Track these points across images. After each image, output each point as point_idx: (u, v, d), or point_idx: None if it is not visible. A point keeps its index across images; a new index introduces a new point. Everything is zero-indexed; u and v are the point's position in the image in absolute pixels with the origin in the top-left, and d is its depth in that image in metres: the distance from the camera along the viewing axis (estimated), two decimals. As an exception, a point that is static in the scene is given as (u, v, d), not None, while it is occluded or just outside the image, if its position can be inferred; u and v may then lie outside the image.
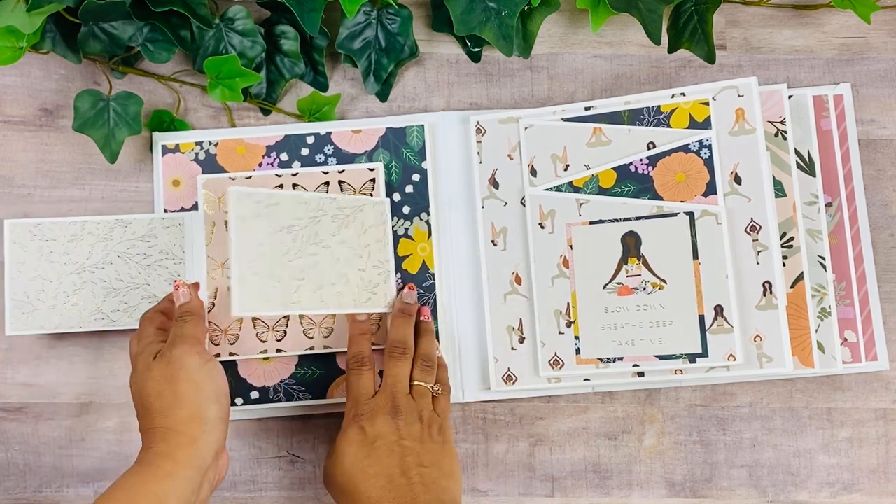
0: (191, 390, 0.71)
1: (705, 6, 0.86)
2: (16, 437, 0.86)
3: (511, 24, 0.83)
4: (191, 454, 0.70)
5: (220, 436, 0.73)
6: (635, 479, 0.86)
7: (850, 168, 0.88)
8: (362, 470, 0.73)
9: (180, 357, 0.73)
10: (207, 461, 0.71)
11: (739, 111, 0.83)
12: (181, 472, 0.69)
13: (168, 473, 0.69)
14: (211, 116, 0.91)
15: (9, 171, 0.90)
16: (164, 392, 0.71)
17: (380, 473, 0.73)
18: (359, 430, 0.75)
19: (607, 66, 0.92)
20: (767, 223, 0.81)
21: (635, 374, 0.83)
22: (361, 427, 0.75)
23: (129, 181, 0.90)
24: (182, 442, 0.70)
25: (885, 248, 0.88)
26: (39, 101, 0.91)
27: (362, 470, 0.73)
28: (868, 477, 0.86)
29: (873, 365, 0.85)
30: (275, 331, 0.85)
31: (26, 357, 0.87)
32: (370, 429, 0.75)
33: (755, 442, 0.86)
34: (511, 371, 0.85)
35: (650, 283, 0.83)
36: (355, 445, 0.75)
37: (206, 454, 0.71)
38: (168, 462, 0.69)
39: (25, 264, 0.85)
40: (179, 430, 0.70)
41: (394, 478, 0.73)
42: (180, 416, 0.71)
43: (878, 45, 0.92)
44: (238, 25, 0.86)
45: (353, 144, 0.89)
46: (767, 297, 0.81)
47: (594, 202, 0.85)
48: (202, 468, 0.70)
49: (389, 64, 0.89)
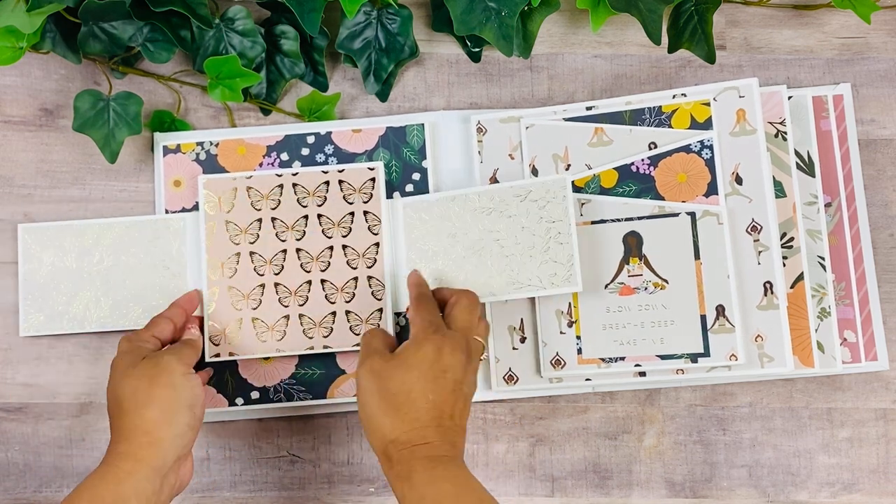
0: (166, 393, 0.72)
1: (705, 6, 0.86)
2: (16, 437, 0.86)
3: (511, 24, 0.83)
4: (152, 454, 0.71)
5: (186, 442, 0.73)
6: (635, 479, 0.86)
7: (850, 168, 0.88)
8: (423, 391, 0.71)
9: (168, 363, 0.74)
10: (168, 464, 0.71)
11: (740, 112, 0.83)
12: (141, 470, 0.70)
13: (128, 473, 0.70)
14: (211, 116, 0.91)
15: (9, 171, 0.89)
16: (139, 391, 0.72)
17: (437, 404, 0.71)
18: (436, 350, 0.72)
19: (607, 66, 0.92)
20: (768, 223, 0.82)
21: (637, 373, 0.83)
22: (440, 349, 0.72)
23: (130, 181, 0.89)
24: (145, 442, 0.71)
25: (885, 248, 0.88)
26: (39, 101, 0.91)
27: (423, 391, 0.71)
28: (868, 477, 0.86)
29: (873, 365, 0.85)
30: (275, 331, 0.85)
31: (26, 357, 0.87)
32: (449, 356, 0.72)
33: (755, 442, 0.86)
34: (512, 371, 0.85)
35: (652, 283, 0.83)
36: (427, 364, 0.72)
37: (168, 456, 0.71)
38: (129, 461, 0.70)
39: (38, 268, 0.87)
40: (144, 429, 0.71)
41: (444, 415, 0.71)
42: (148, 416, 0.72)
43: (878, 45, 0.92)
44: (238, 25, 0.86)
45: (354, 144, 0.88)
46: (768, 297, 0.81)
47: (596, 202, 0.85)
48: (162, 469, 0.71)
49: (389, 64, 0.89)
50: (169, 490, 0.72)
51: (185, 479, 0.76)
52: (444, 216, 0.85)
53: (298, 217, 0.86)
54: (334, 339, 0.85)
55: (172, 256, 0.87)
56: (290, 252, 0.86)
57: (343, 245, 0.86)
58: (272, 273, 0.85)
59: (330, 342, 0.85)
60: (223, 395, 0.85)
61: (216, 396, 0.85)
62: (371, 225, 0.86)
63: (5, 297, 0.88)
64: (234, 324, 0.85)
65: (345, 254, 0.86)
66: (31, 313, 0.86)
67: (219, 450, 0.86)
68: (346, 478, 0.86)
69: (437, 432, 0.70)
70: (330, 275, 0.85)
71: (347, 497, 0.86)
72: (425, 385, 0.71)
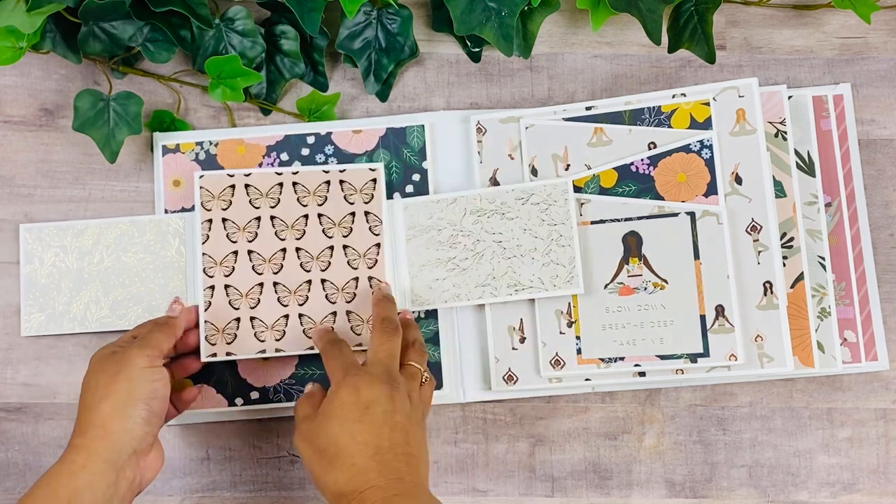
0: (123, 387, 0.72)
1: (705, 6, 0.86)
2: (16, 437, 0.86)
3: (511, 24, 0.83)
4: (105, 447, 0.71)
5: (140, 436, 0.72)
6: (635, 479, 0.86)
7: (850, 168, 0.88)
8: (351, 434, 0.70)
9: (130, 357, 0.74)
10: (122, 457, 0.71)
11: (740, 112, 0.83)
12: (93, 464, 0.70)
13: (81, 466, 0.70)
14: (211, 116, 0.91)
15: (9, 171, 0.89)
16: (99, 386, 0.73)
17: (368, 442, 0.69)
18: (353, 391, 0.71)
19: (607, 66, 0.92)
20: (768, 223, 0.81)
21: (636, 373, 0.83)
22: (356, 388, 0.71)
23: (130, 181, 0.90)
24: (98, 435, 0.71)
25: (885, 248, 0.88)
26: (39, 101, 0.91)
27: (351, 434, 0.70)
28: (868, 477, 0.86)
29: (873, 365, 0.85)
30: (274, 330, 0.85)
31: (26, 357, 0.87)
32: (366, 392, 0.71)
33: (755, 442, 0.86)
34: (512, 371, 0.85)
35: (651, 283, 0.83)
36: (347, 408, 0.71)
37: (122, 449, 0.71)
38: (82, 455, 0.70)
39: (39, 268, 0.87)
40: (98, 423, 0.71)
41: (382, 450, 0.69)
42: (103, 409, 0.72)
43: (878, 45, 0.92)
44: (238, 25, 0.86)
45: (354, 144, 0.88)
46: (768, 296, 0.81)
47: (595, 202, 0.85)
48: (116, 463, 0.71)
49: (389, 64, 0.89)
50: (127, 484, 0.72)
51: (149, 476, 0.75)
52: (445, 218, 0.85)
53: (298, 216, 0.86)
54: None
55: (172, 256, 0.87)
56: (289, 251, 0.86)
57: (344, 245, 0.86)
58: (271, 272, 0.85)
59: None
60: (223, 395, 0.85)
61: (216, 396, 0.85)
62: (372, 225, 0.86)
63: (6, 298, 0.88)
64: (231, 323, 0.85)
65: (345, 254, 0.86)
66: (32, 313, 0.87)
67: (219, 450, 0.86)
68: (345, 478, 0.86)
69: (379, 471, 0.68)
70: (330, 275, 0.85)
71: (347, 497, 0.86)
72: (351, 428, 0.70)
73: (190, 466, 0.86)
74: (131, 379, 0.73)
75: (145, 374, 0.73)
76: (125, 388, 0.72)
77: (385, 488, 0.67)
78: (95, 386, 0.73)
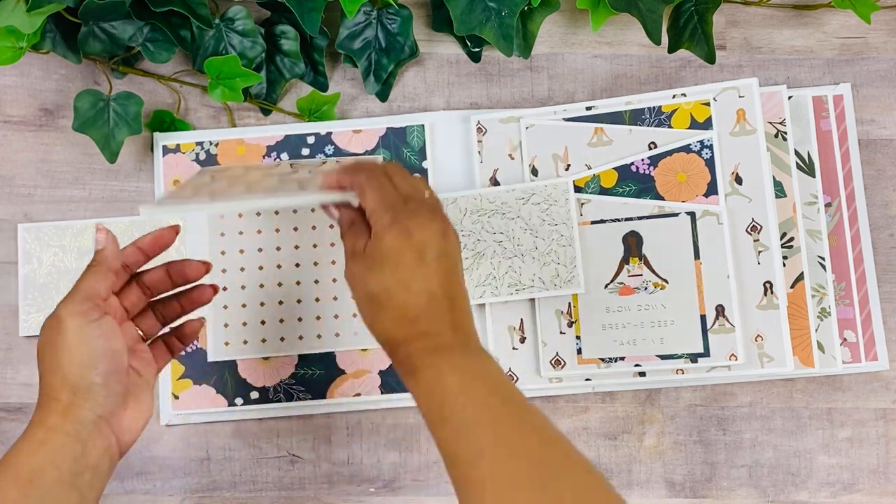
0: (64, 356, 0.65)
1: (705, 6, 0.86)
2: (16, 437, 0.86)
3: (511, 24, 0.83)
4: (64, 420, 0.65)
5: (101, 401, 0.66)
6: (635, 479, 0.86)
7: (850, 168, 0.88)
8: (404, 283, 0.65)
9: (62, 319, 0.66)
10: (86, 427, 0.65)
11: (740, 112, 0.83)
12: (53, 438, 0.64)
13: (41, 442, 0.64)
14: (211, 116, 0.91)
15: (9, 171, 0.89)
16: (45, 356, 0.67)
17: (421, 290, 0.65)
18: (405, 235, 0.65)
19: (607, 66, 0.92)
20: (768, 223, 0.82)
21: (637, 373, 0.83)
22: (408, 232, 0.65)
23: (130, 181, 0.90)
24: (54, 408, 0.65)
25: (885, 248, 0.88)
26: (39, 101, 0.91)
27: (404, 283, 0.65)
28: (868, 477, 0.86)
29: (873, 365, 0.85)
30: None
31: (26, 357, 0.87)
32: (418, 233, 0.65)
33: (755, 442, 0.86)
34: (512, 371, 0.85)
35: (652, 283, 0.83)
36: (398, 253, 0.65)
37: (83, 420, 0.65)
38: (41, 430, 0.65)
39: (38, 268, 0.87)
40: (53, 395, 0.66)
41: (435, 297, 0.65)
42: (53, 382, 0.66)
43: (878, 45, 0.92)
44: (238, 25, 0.86)
45: (354, 144, 0.88)
46: (768, 296, 0.81)
47: (595, 202, 0.85)
48: (78, 435, 0.65)
49: (389, 64, 0.89)
50: (100, 452, 0.66)
51: (129, 437, 0.68)
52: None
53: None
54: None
55: (172, 256, 0.86)
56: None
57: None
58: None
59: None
60: (223, 395, 0.85)
61: (216, 396, 0.85)
62: (372, 225, 0.86)
63: (5, 297, 0.88)
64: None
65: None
66: (31, 313, 0.86)
67: (219, 450, 0.86)
68: (346, 478, 0.86)
69: (431, 321, 0.65)
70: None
71: (347, 497, 0.86)
72: (403, 276, 0.65)
73: (190, 466, 0.86)
74: (69, 346, 0.65)
75: (83, 335, 0.65)
76: (66, 358, 0.65)
77: (435, 337, 0.64)
78: (42, 358, 0.67)
